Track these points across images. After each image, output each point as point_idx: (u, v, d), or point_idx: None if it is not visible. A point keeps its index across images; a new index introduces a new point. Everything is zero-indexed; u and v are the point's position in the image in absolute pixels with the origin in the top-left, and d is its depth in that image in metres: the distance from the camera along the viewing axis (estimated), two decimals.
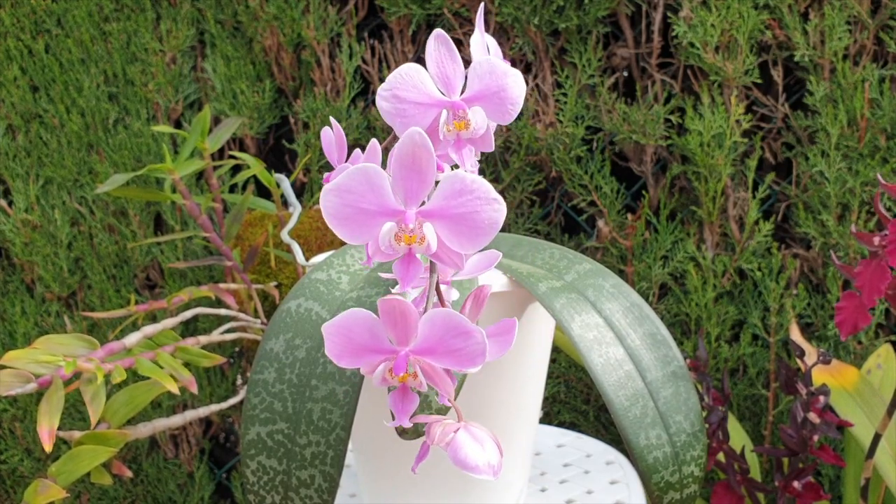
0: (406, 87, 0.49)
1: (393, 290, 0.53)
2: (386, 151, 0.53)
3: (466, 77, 0.51)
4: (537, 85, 1.20)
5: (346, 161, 0.56)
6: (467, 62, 0.50)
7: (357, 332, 0.45)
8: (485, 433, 0.47)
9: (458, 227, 0.46)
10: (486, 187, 0.45)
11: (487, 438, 0.47)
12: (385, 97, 0.49)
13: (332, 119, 0.57)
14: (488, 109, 0.50)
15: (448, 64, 0.50)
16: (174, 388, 0.78)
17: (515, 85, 0.50)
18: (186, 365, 0.85)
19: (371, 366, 0.45)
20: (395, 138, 0.54)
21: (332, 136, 0.56)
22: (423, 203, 0.46)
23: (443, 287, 0.49)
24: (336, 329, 0.45)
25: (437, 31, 0.50)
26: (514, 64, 1.21)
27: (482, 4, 0.57)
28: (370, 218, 0.46)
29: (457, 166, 0.51)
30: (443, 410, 0.60)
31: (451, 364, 0.45)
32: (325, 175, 0.55)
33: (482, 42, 0.55)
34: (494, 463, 0.46)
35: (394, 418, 0.47)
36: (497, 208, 0.45)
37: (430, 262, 0.49)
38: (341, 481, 0.66)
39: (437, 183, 0.46)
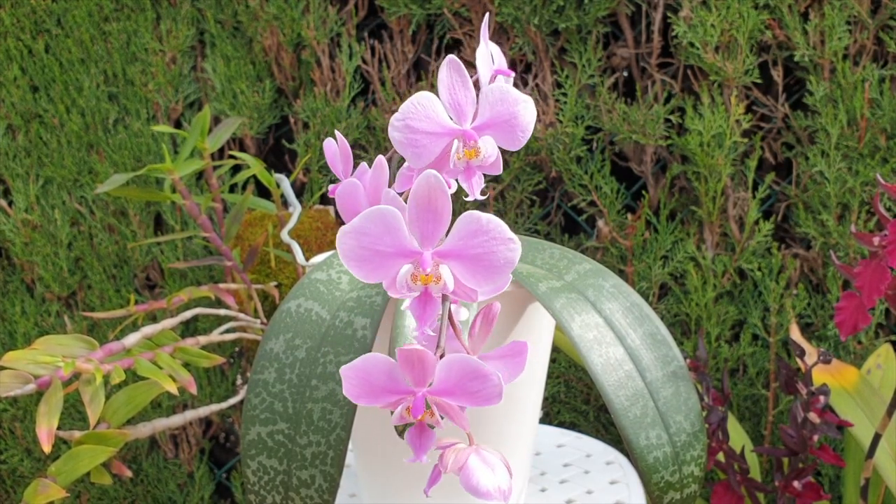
0: (419, 116, 0.48)
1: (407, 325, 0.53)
2: (389, 162, 0.53)
3: (477, 102, 0.50)
4: (537, 85, 1.20)
5: (351, 174, 0.55)
6: (468, 63, 0.50)
7: (375, 374, 0.46)
8: (495, 457, 0.48)
9: (475, 267, 0.46)
10: (501, 227, 0.45)
11: (498, 462, 0.48)
12: (398, 127, 0.48)
13: (336, 132, 0.57)
14: (499, 136, 0.50)
15: (460, 91, 0.49)
16: (173, 389, 0.78)
17: (526, 112, 0.50)
18: (186, 365, 0.85)
19: (389, 405, 0.46)
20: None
21: (336, 149, 0.56)
22: (440, 243, 0.46)
23: (451, 307, 0.50)
24: (355, 372, 0.46)
25: (450, 57, 0.50)
26: (513, 64, 1.21)
27: (487, 14, 0.57)
28: (387, 259, 0.46)
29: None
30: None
31: (468, 403, 0.46)
32: (331, 187, 0.55)
33: (487, 53, 0.55)
34: (505, 487, 0.47)
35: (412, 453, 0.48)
36: (512, 248, 0.46)
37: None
38: (341, 481, 0.66)
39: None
